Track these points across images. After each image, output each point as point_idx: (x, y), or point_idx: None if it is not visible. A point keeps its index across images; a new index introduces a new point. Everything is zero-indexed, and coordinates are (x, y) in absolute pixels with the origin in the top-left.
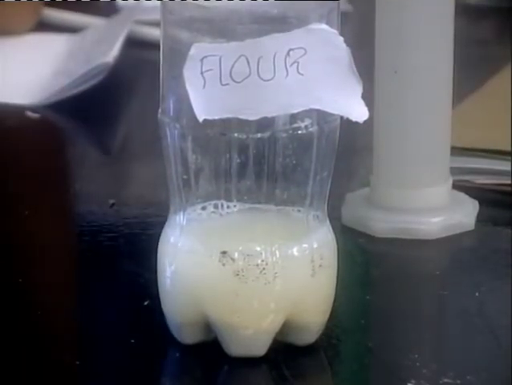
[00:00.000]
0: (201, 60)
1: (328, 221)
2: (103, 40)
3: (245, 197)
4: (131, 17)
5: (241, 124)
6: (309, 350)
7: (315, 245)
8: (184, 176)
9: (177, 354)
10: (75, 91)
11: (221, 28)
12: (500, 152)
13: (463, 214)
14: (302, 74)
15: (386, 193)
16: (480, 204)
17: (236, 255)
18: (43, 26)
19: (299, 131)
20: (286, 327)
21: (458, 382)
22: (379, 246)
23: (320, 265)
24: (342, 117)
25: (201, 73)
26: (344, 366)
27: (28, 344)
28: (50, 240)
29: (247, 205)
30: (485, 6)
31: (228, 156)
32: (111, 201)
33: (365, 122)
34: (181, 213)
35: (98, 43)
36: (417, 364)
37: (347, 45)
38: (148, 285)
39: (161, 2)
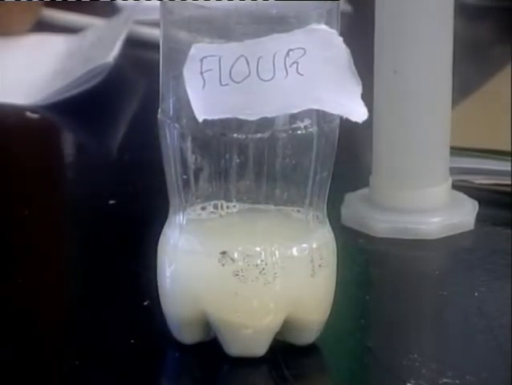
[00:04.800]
0: (201, 60)
1: (328, 221)
2: (102, 40)
3: (245, 197)
4: (131, 17)
5: (241, 124)
6: (308, 349)
7: (315, 245)
8: (184, 177)
9: (177, 354)
10: (74, 91)
11: (221, 28)
12: (500, 152)
13: (462, 214)
14: (301, 75)
15: (385, 193)
16: (479, 204)
17: (235, 255)
18: (43, 27)
19: (299, 132)
20: (285, 327)
21: (457, 382)
22: (379, 246)
23: (320, 265)
24: (341, 117)
25: (201, 73)
26: (344, 366)
27: (28, 344)
28: (50, 240)
29: (247, 205)
30: (485, 6)
31: (227, 156)
32: (111, 201)
33: (365, 122)
34: (181, 213)
35: (98, 43)
36: (417, 364)
37: (347, 45)
38: (148, 285)
39: (161, 2)
